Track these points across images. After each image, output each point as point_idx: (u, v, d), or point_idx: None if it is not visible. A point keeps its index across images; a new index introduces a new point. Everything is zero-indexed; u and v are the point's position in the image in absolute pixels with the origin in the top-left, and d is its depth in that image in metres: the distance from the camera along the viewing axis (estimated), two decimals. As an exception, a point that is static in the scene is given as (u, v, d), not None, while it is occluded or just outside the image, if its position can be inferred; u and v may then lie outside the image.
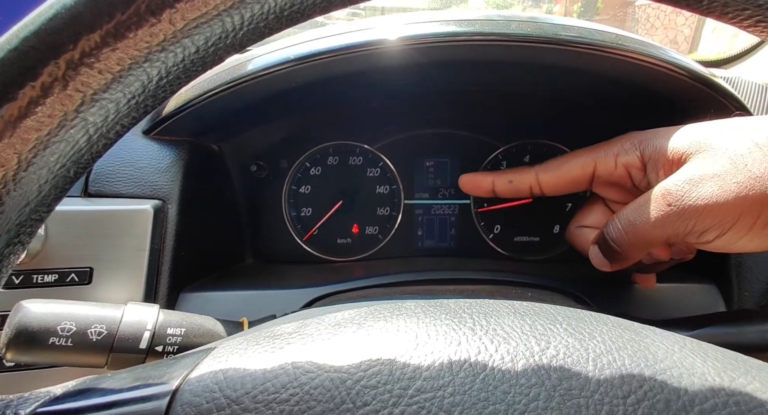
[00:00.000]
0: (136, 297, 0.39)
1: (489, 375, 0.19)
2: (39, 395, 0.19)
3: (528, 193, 0.47)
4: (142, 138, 0.45)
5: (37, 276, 0.36)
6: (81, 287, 0.38)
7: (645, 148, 0.38)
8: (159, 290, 0.40)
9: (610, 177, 0.41)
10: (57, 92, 0.16)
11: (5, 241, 0.18)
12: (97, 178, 0.42)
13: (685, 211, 0.33)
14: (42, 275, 0.37)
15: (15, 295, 0.34)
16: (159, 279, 0.40)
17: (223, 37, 0.19)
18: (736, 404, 0.18)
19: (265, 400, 0.18)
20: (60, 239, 0.37)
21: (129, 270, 0.39)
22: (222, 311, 0.41)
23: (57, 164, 0.18)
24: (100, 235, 0.39)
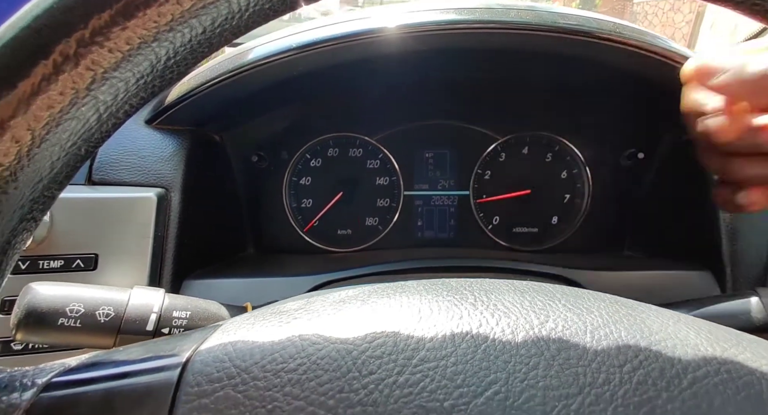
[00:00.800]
0: (140, 283, 0.39)
1: (490, 346, 0.20)
2: (54, 366, 0.20)
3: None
4: (144, 127, 0.45)
5: (43, 262, 0.37)
6: (86, 273, 0.38)
7: None
8: (163, 276, 0.41)
9: None
10: (68, 70, 0.17)
11: (19, 216, 0.18)
12: (101, 167, 0.42)
13: None
14: (48, 260, 0.37)
15: (22, 280, 0.35)
16: (163, 266, 0.41)
17: (229, 18, 0.19)
18: (727, 372, 0.19)
19: (274, 369, 0.19)
20: (65, 226, 0.38)
21: (133, 256, 0.40)
22: (225, 298, 0.42)
23: (68, 142, 0.18)
24: (105, 222, 0.39)
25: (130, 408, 0.18)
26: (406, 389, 0.18)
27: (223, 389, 0.18)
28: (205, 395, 0.18)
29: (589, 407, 0.18)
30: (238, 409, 0.18)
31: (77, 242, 0.38)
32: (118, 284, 0.38)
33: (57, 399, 0.18)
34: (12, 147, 0.17)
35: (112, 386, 0.19)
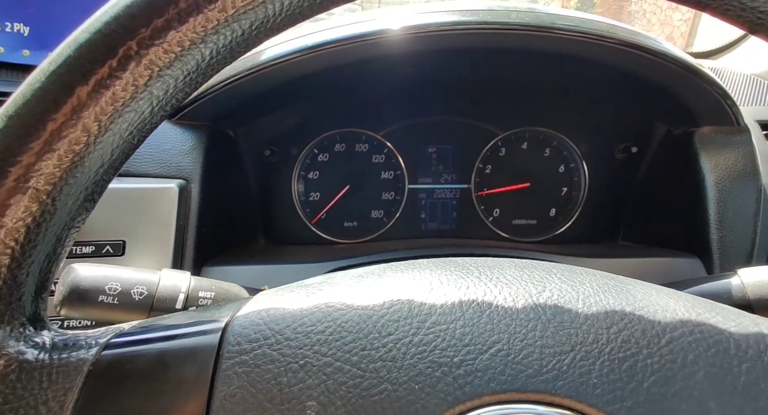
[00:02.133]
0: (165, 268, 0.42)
1: (493, 312, 0.22)
2: (109, 330, 0.22)
3: None
4: (166, 122, 0.48)
5: (75, 248, 0.39)
6: (115, 258, 0.41)
7: None
8: (185, 262, 0.44)
9: None
10: (131, 69, 0.19)
11: (84, 196, 0.21)
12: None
13: None
14: (80, 246, 0.40)
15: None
16: (184, 252, 0.44)
17: (264, 22, 0.22)
18: (700, 332, 0.21)
19: (304, 331, 0.22)
20: (95, 215, 0.40)
21: (158, 243, 0.42)
22: (242, 283, 0.44)
23: (126, 132, 0.21)
24: (131, 211, 0.42)
25: (180, 363, 0.21)
26: (420, 348, 0.21)
27: (260, 347, 0.21)
28: (245, 352, 0.21)
29: (580, 362, 0.21)
30: (274, 364, 0.21)
31: (106, 229, 0.41)
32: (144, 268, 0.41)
33: (118, 355, 0.21)
34: (82, 136, 0.19)
35: (163, 345, 0.22)
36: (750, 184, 0.49)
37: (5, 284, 0.19)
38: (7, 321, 0.19)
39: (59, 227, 0.21)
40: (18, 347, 0.19)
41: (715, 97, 0.48)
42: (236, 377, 0.20)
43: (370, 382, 0.20)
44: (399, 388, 0.20)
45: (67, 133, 0.19)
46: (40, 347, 0.20)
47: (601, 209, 0.67)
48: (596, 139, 0.66)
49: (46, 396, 0.19)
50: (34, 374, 0.19)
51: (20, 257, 0.19)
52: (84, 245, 0.40)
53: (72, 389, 0.19)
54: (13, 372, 0.19)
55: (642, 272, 0.50)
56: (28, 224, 0.19)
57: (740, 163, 0.50)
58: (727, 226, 0.48)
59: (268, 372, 0.20)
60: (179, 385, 0.20)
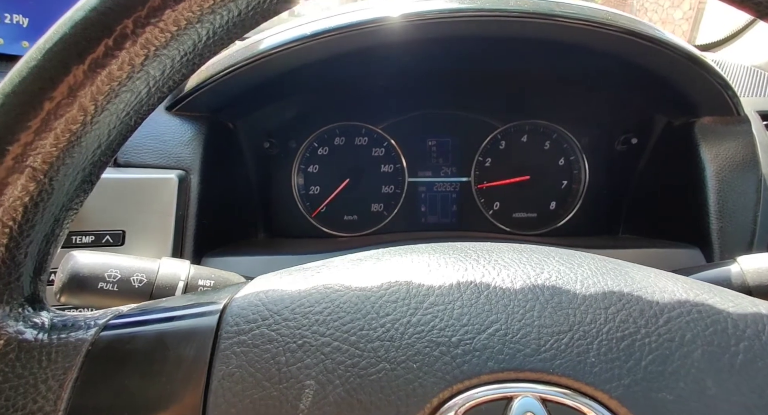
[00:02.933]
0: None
1: (491, 292, 0.22)
2: (108, 311, 0.22)
3: None
4: (165, 113, 0.48)
5: (75, 237, 0.40)
6: (115, 248, 0.41)
7: None
8: (184, 252, 0.44)
9: None
10: (128, 47, 0.19)
11: (81, 177, 0.21)
12: (126, 150, 0.45)
13: None
14: (80, 236, 0.40)
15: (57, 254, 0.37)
16: (184, 243, 0.44)
17: (261, 2, 0.22)
18: (698, 312, 0.21)
19: (302, 311, 0.22)
20: (95, 204, 0.41)
21: (158, 233, 0.42)
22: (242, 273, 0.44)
23: (123, 112, 0.21)
24: (131, 201, 0.42)
25: (179, 344, 0.21)
26: (418, 328, 0.21)
27: (258, 328, 0.21)
28: (243, 332, 0.21)
29: (578, 342, 0.21)
30: (272, 344, 0.21)
31: (106, 219, 0.41)
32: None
33: (117, 336, 0.21)
34: (79, 115, 0.19)
35: (162, 327, 0.22)
36: (750, 174, 0.49)
37: (3, 264, 0.19)
38: (6, 301, 0.19)
39: (57, 207, 0.21)
40: (17, 327, 0.19)
41: (716, 87, 0.48)
42: (235, 356, 0.20)
43: (368, 361, 0.20)
44: (397, 367, 0.20)
45: (64, 112, 0.19)
46: (39, 327, 0.20)
47: (601, 202, 0.67)
48: (596, 132, 0.66)
49: (46, 375, 0.19)
50: (33, 353, 0.19)
51: (18, 237, 0.19)
52: (84, 235, 0.40)
53: (71, 369, 0.19)
54: (12, 351, 0.19)
55: (642, 262, 0.49)
56: (25, 203, 0.19)
57: (740, 153, 0.49)
58: (727, 216, 0.48)
59: (267, 352, 0.20)
60: (178, 365, 0.20)
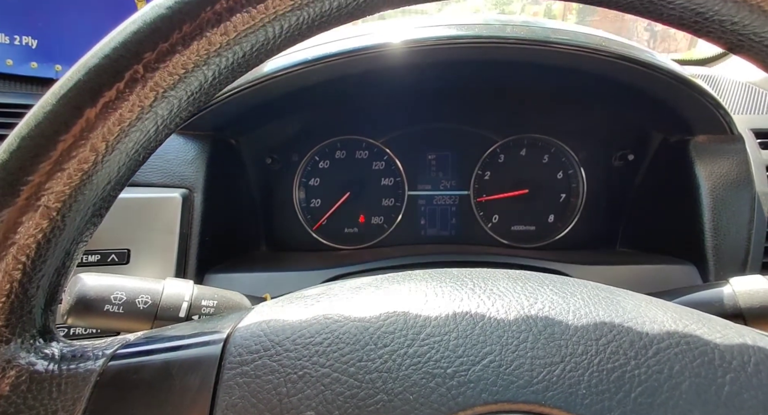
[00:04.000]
0: (168, 276, 0.43)
1: (486, 323, 0.23)
2: (115, 341, 0.23)
3: None
4: (169, 132, 0.49)
5: (81, 257, 0.40)
6: (120, 267, 0.42)
7: None
8: (188, 270, 0.44)
9: None
10: (138, 91, 0.20)
11: (92, 212, 0.22)
12: (130, 169, 0.46)
13: None
14: (86, 255, 0.41)
15: (63, 273, 0.38)
16: (187, 260, 0.45)
17: (265, 44, 0.23)
18: (686, 343, 0.22)
19: (303, 342, 0.22)
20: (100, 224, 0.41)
21: (161, 252, 0.43)
22: (244, 290, 0.45)
23: (132, 150, 0.22)
24: (136, 220, 0.43)
25: (184, 374, 0.22)
26: (415, 359, 0.22)
27: (261, 358, 0.22)
28: (246, 363, 0.22)
29: (569, 373, 0.21)
30: (274, 374, 0.21)
31: (111, 238, 0.42)
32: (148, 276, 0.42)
33: (124, 366, 0.21)
34: (90, 155, 0.20)
35: (167, 356, 0.22)
36: (744, 192, 0.50)
37: (17, 298, 0.20)
38: (19, 333, 0.20)
39: (68, 241, 0.21)
40: (29, 359, 0.20)
41: (708, 107, 0.49)
42: (237, 387, 0.21)
43: (366, 392, 0.21)
44: (394, 398, 0.21)
45: (77, 153, 0.20)
46: (49, 358, 0.21)
47: (598, 216, 0.68)
48: (594, 147, 0.67)
49: (56, 406, 0.20)
50: (44, 384, 0.20)
51: (31, 272, 0.20)
52: (90, 254, 0.41)
53: (80, 399, 0.20)
54: (24, 383, 0.20)
55: (638, 278, 0.50)
56: (38, 240, 0.20)
57: (734, 171, 0.50)
58: (722, 234, 0.49)
59: (269, 383, 0.21)
60: (183, 395, 0.21)
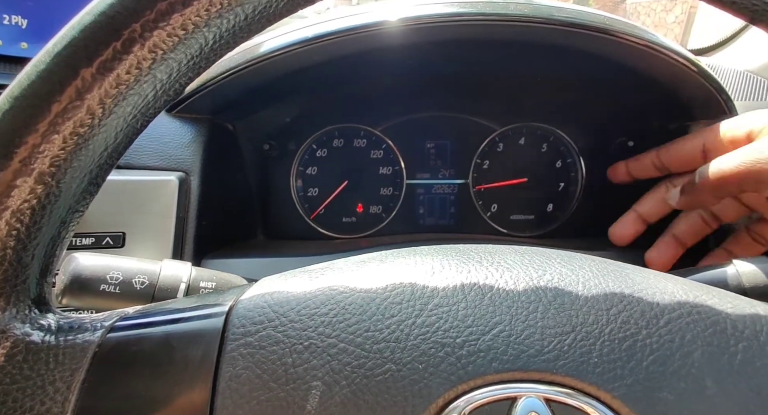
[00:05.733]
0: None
1: (495, 294, 0.23)
2: (114, 314, 0.23)
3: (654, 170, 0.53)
4: (165, 115, 0.48)
5: (75, 239, 0.39)
6: (115, 250, 0.41)
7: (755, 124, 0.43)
8: (184, 255, 0.44)
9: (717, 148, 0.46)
10: (135, 51, 0.20)
11: (88, 180, 0.21)
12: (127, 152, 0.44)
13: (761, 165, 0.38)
14: (80, 238, 0.40)
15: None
16: (184, 245, 0.44)
17: (267, 7, 0.22)
18: (697, 313, 0.22)
19: (308, 313, 0.22)
20: (95, 206, 0.40)
21: (158, 235, 0.42)
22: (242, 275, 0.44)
23: (130, 115, 0.21)
24: (131, 203, 0.42)
25: (186, 345, 0.21)
26: (423, 329, 0.21)
27: (264, 329, 0.21)
28: (250, 334, 0.21)
29: (581, 342, 0.21)
30: (279, 345, 0.21)
31: (106, 221, 0.41)
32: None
33: (123, 338, 0.21)
34: (87, 118, 0.19)
35: (168, 328, 0.22)
36: (745, 176, 0.50)
37: (11, 266, 0.19)
38: (13, 303, 0.19)
39: (63, 209, 0.21)
40: (24, 329, 0.19)
41: (711, 91, 0.49)
42: (241, 358, 0.20)
43: (374, 362, 0.20)
44: (403, 368, 0.20)
45: (72, 115, 0.19)
46: (45, 329, 0.20)
47: (597, 204, 0.68)
48: (593, 135, 0.67)
49: (53, 377, 0.19)
50: (40, 354, 0.19)
51: (26, 239, 0.19)
52: (84, 237, 0.40)
53: (78, 370, 0.19)
54: (19, 353, 0.19)
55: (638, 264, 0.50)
56: (33, 205, 0.19)
57: (735, 156, 0.50)
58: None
59: (273, 353, 0.20)
60: (185, 366, 0.20)
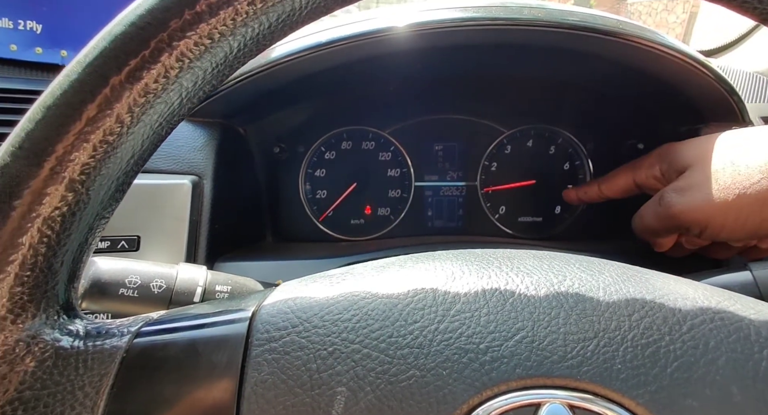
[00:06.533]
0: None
1: (516, 300, 0.23)
2: (140, 318, 0.23)
3: (598, 197, 0.57)
4: (178, 119, 0.48)
5: (91, 243, 0.40)
6: (130, 253, 0.41)
7: (662, 163, 0.47)
8: (198, 257, 0.44)
9: (646, 184, 0.50)
10: (163, 60, 0.20)
11: (115, 187, 0.21)
12: (140, 156, 0.45)
13: (669, 213, 0.42)
14: (96, 241, 0.40)
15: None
16: (197, 248, 0.44)
17: (291, 15, 0.22)
18: (720, 320, 0.22)
19: (331, 319, 0.22)
20: (110, 210, 0.41)
21: (171, 239, 0.42)
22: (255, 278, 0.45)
23: (156, 123, 0.21)
24: (146, 206, 0.42)
25: (211, 351, 0.21)
26: (446, 334, 0.21)
27: (288, 335, 0.22)
28: (274, 340, 0.21)
29: (604, 348, 0.21)
30: (303, 351, 0.21)
31: (121, 225, 0.41)
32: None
33: (149, 343, 0.21)
34: (116, 126, 0.20)
35: (193, 334, 0.22)
36: (756, 179, 0.50)
37: (41, 273, 0.19)
38: (43, 309, 0.20)
39: (92, 216, 0.21)
40: (53, 335, 0.20)
41: (722, 93, 0.49)
42: (266, 363, 0.21)
43: (398, 368, 0.20)
44: (427, 374, 0.20)
45: (102, 123, 0.19)
46: (74, 334, 0.20)
47: (605, 207, 0.68)
48: (602, 137, 0.67)
49: (83, 381, 0.19)
50: (69, 360, 0.19)
51: (56, 246, 0.19)
52: (100, 240, 0.40)
53: (107, 375, 0.19)
54: (50, 359, 0.19)
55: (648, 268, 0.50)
56: (63, 212, 0.19)
57: (746, 159, 0.50)
58: (734, 221, 0.49)
59: (298, 359, 0.21)
60: (211, 371, 0.20)
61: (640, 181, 0.50)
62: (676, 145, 0.46)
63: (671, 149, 0.46)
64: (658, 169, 0.47)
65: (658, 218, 0.44)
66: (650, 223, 0.45)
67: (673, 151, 0.45)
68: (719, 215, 0.39)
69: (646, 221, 0.45)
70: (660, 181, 0.47)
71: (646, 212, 0.46)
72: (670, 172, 0.45)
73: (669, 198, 0.42)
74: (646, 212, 0.46)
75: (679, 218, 0.41)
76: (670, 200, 0.42)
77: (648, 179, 0.49)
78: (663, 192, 0.43)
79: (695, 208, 0.40)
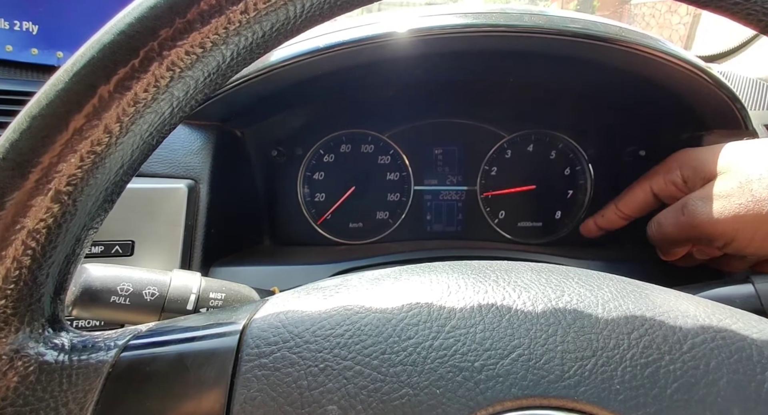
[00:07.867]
0: (173, 268, 0.42)
1: (513, 316, 0.22)
2: (126, 331, 0.22)
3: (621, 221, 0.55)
4: (174, 122, 0.48)
5: (84, 247, 0.39)
6: (124, 258, 0.41)
7: (684, 168, 0.44)
8: (193, 263, 0.43)
9: (665, 191, 0.47)
10: (153, 69, 0.19)
11: (103, 198, 0.21)
12: (135, 159, 0.44)
13: (694, 222, 0.39)
14: (89, 246, 0.39)
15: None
16: (193, 253, 0.43)
17: (285, 23, 0.22)
18: (722, 339, 0.21)
19: (323, 334, 0.21)
20: (104, 214, 0.40)
21: (166, 243, 0.42)
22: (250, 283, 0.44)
23: (146, 133, 0.21)
24: (140, 211, 0.42)
25: (199, 366, 0.21)
26: (441, 352, 0.21)
27: (279, 350, 0.21)
28: (264, 355, 0.21)
29: (602, 368, 0.21)
30: (294, 367, 0.21)
31: (115, 229, 0.41)
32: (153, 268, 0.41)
33: (137, 357, 0.21)
34: (104, 137, 0.19)
35: (181, 348, 0.21)
36: (758, 188, 0.49)
37: (26, 285, 0.19)
38: (27, 322, 0.19)
39: (79, 227, 0.20)
40: (38, 349, 0.19)
41: (725, 100, 0.48)
42: (256, 380, 0.20)
43: (391, 386, 0.20)
44: (420, 392, 0.20)
45: (89, 133, 0.19)
46: (59, 348, 0.20)
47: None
48: (603, 143, 0.66)
49: (66, 398, 0.19)
50: (53, 375, 0.19)
51: (41, 258, 0.19)
52: (93, 245, 0.40)
53: (92, 391, 0.19)
54: (33, 374, 0.19)
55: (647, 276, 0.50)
56: (49, 224, 0.19)
57: (749, 167, 0.49)
58: (736, 230, 0.48)
59: (288, 375, 0.20)
60: (199, 387, 0.20)
61: (658, 188, 0.47)
62: (698, 151, 0.43)
63: (694, 155, 0.43)
64: (678, 175, 0.44)
65: (679, 227, 0.41)
66: (669, 231, 0.42)
67: (697, 157, 0.42)
68: (749, 229, 0.36)
69: (665, 228, 0.42)
70: (681, 189, 0.44)
71: (665, 219, 0.43)
72: (694, 179, 0.42)
73: (694, 206, 0.39)
74: (665, 220, 0.43)
75: (703, 228, 0.38)
76: (696, 209, 0.39)
77: (667, 185, 0.45)
78: (687, 199, 0.40)
79: (724, 219, 0.37)
